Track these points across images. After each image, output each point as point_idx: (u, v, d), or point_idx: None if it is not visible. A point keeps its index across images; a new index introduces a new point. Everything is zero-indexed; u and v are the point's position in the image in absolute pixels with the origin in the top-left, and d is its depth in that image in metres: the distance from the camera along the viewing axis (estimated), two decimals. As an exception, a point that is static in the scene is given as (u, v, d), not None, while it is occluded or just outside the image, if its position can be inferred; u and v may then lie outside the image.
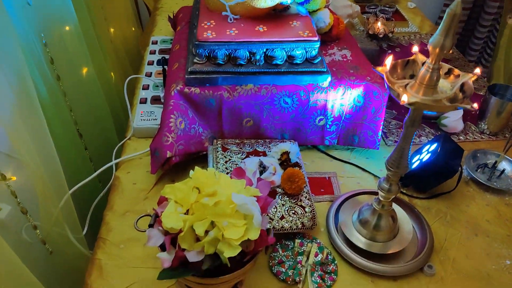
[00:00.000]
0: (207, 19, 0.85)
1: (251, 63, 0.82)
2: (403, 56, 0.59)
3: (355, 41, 1.01)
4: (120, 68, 1.37)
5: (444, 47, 0.48)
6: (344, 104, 0.86)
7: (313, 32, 0.82)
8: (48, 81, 0.83)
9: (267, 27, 0.83)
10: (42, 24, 0.82)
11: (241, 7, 0.83)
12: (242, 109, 0.84)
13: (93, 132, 1.02)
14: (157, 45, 1.20)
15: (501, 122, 0.94)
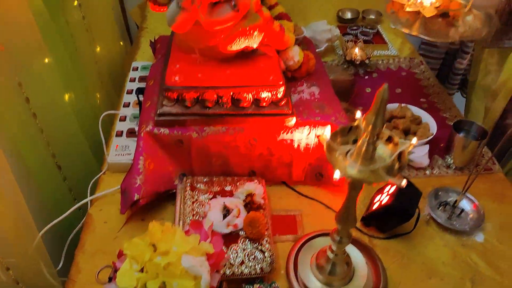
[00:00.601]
0: (177, 60, 0.87)
1: (218, 105, 0.85)
2: (379, 81, 0.61)
3: (326, 75, 1.03)
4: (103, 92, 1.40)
5: (376, 126, 0.51)
6: (309, 143, 0.89)
7: (279, 76, 0.84)
8: (23, 121, 0.86)
9: (235, 70, 0.85)
10: (17, 67, 0.85)
11: (209, 50, 0.86)
12: (211, 148, 0.87)
13: (73, 163, 1.05)
14: (138, 71, 1.23)
15: (466, 157, 0.96)
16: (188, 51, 0.87)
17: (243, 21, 0.78)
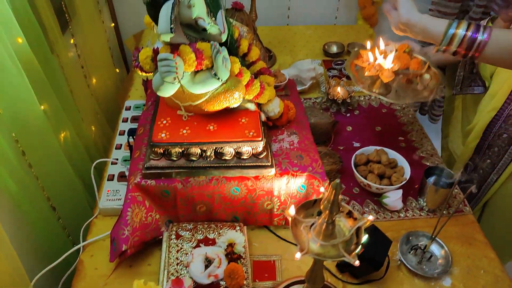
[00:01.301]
0: (163, 116, 0.93)
1: (202, 158, 0.91)
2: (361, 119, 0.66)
3: (307, 120, 1.09)
4: (99, 125, 1.46)
5: (332, 211, 0.57)
6: (288, 191, 0.95)
7: (258, 132, 0.90)
8: (18, 172, 0.92)
9: (217, 125, 0.92)
10: (14, 126, 0.91)
11: (194, 107, 0.91)
12: (195, 197, 0.93)
13: (67, 205, 1.11)
14: (130, 111, 1.29)
15: (437, 201, 1.02)
16: (174, 106, 0.93)
17: (223, 85, 0.84)
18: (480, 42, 0.84)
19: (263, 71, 1.02)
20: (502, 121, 1.10)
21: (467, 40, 0.85)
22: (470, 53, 0.87)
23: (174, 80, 0.76)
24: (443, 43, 0.89)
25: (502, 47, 0.84)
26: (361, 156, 1.10)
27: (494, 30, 0.85)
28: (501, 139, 1.11)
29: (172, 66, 0.74)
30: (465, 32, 0.85)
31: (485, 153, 1.17)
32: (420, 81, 1.13)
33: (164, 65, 0.74)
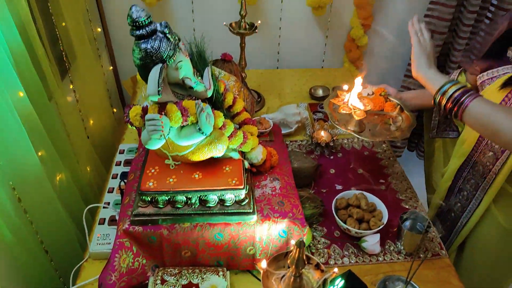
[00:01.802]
0: (152, 165, 0.99)
1: (187, 205, 0.96)
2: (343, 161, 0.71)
3: (289, 166, 1.15)
4: (93, 165, 1.52)
5: (298, 266, 0.62)
6: (270, 236, 1.00)
7: (241, 180, 0.96)
8: (13, 219, 0.97)
9: (202, 173, 0.98)
10: (11, 174, 0.97)
11: (181, 157, 0.98)
12: (181, 243, 0.98)
13: (59, 248, 1.15)
14: (124, 154, 1.35)
15: (413, 245, 1.07)
16: (163, 156, 0.99)
17: (207, 138, 0.91)
18: (461, 104, 0.92)
19: (247, 121, 1.09)
20: (470, 167, 1.16)
21: (452, 100, 0.94)
22: (453, 112, 0.94)
23: (160, 137, 0.82)
24: (436, 98, 0.98)
25: (477, 116, 0.91)
26: (342, 200, 1.16)
27: (479, 98, 0.91)
28: (470, 184, 1.17)
29: (158, 125, 0.81)
30: (453, 93, 0.93)
31: (456, 196, 1.22)
32: (393, 122, 1.22)
33: (150, 124, 0.81)
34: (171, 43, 0.86)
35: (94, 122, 1.64)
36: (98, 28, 1.71)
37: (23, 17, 1.05)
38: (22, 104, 1.01)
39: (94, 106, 1.64)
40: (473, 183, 1.16)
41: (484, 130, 0.93)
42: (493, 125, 0.89)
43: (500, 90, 1.04)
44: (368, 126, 1.19)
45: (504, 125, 0.87)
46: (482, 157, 1.13)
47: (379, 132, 1.18)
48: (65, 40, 1.39)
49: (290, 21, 1.83)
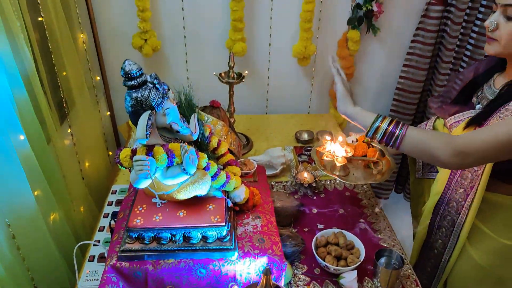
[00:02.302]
0: (140, 203, 1.06)
1: (172, 242, 1.02)
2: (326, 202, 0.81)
3: (272, 205, 1.22)
4: (87, 206, 1.58)
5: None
6: (250, 272, 1.04)
7: (223, 218, 1.02)
8: (6, 255, 1.02)
9: (187, 211, 1.04)
10: (7, 212, 1.03)
11: (167, 195, 1.05)
12: (165, 278, 1.02)
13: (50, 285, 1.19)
14: (116, 195, 1.42)
15: (389, 282, 1.11)
16: (150, 194, 1.06)
17: (191, 178, 0.98)
18: (398, 136, 1.01)
19: (231, 162, 1.17)
20: (445, 204, 1.23)
21: (388, 133, 1.02)
22: (390, 144, 1.03)
23: (146, 176, 0.90)
24: (369, 133, 1.06)
25: (413, 144, 1.01)
26: (321, 238, 1.21)
27: (410, 127, 1.02)
28: (446, 221, 1.23)
29: (145, 165, 0.89)
30: (387, 127, 1.03)
31: (436, 233, 1.28)
32: (374, 167, 1.31)
33: (138, 165, 0.89)
34: (159, 92, 0.95)
35: (89, 164, 1.71)
36: (97, 77, 1.83)
37: (28, 67, 1.16)
38: (22, 146, 1.10)
39: (90, 149, 1.72)
40: (450, 220, 1.22)
41: (422, 155, 1.01)
42: (429, 149, 0.98)
43: (464, 130, 1.13)
44: (352, 170, 1.29)
45: (439, 148, 0.96)
46: (455, 194, 1.20)
47: (362, 176, 1.29)
48: (66, 87, 1.50)
49: (277, 70, 1.97)
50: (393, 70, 2.05)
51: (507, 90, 1.08)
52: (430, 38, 1.89)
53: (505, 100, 1.05)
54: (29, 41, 1.20)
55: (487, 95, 1.15)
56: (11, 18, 1.07)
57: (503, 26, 1.01)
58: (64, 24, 1.45)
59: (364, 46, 1.95)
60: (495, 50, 1.05)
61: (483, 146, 0.95)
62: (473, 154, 0.95)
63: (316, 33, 1.87)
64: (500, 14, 1.01)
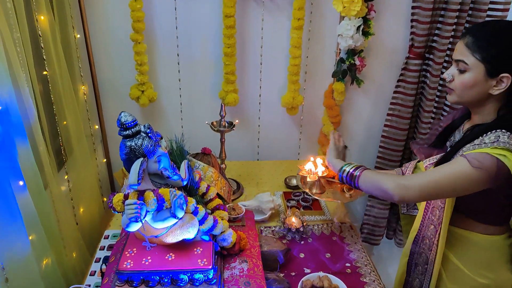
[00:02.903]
0: (131, 246, 1.11)
1: (160, 284, 1.06)
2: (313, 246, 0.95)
3: (259, 250, 1.26)
4: (79, 251, 1.61)
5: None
6: (237, 315, 1.07)
7: (210, 261, 1.07)
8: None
9: (175, 255, 1.09)
10: (3, 255, 1.07)
11: (157, 239, 1.09)
12: (153, 322, 1.05)
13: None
14: (108, 240, 1.45)
15: (373, 325, 1.14)
16: (141, 238, 1.11)
17: (179, 222, 1.04)
18: (355, 176, 1.18)
19: (219, 207, 1.22)
20: (420, 241, 1.27)
21: (349, 174, 1.20)
22: (353, 184, 1.19)
23: (137, 220, 0.96)
24: (339, 175, 1.24)
25: (367, 181, 1.16)
26: (307, 282, 1.24)
27: (367, 170, 1.18)
28: (422, 258, 1.27)
29: (136, 209, 0.94)
30: (349, 169, 1.20)
31: (414, 271, 1.31)
32: (347, 190, 1.45)
33: (129, 209, 0.95)
34: (152, 141, 1.03)
35: (84, 210, 1.76)
36: (95, 125, 1.92)
37: (31, 117, 1.24)
38: (21, 192, 1.16)
39: (86, 196, 1.77)
40: (424, 257, 1.26)
41: (375, 190, 1.15)
42: (381, 187, 1.10)
43: None
44: (329, 191, 1.45)
45: (387, 182, 1.09)
46: (427, 231, 1.25)
47: (334, 195, 1.45)
48: (65, 136, 1.58)
49: (267, 119, 2.07)
50: (378, 118, 2.16)
51: (466, 135, 1.17)
52: (411, 89, 2.02)
53: (463, 143, 1.13)
54: (33, 93, 1.30)
55: (456, 139, 1.24)
56: (18, 71, 1.17)
57: (457, 78, 1.11)
58: (66, 77, 1.56)
59: (349, 96, 2.07)
60: (454, 99, 1.16)
61: (421, 181, 1.06)
62: (412, 187, 1.06)
63: (303, 85, 1.99)
64: (455, 67, 1.12)
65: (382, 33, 1.97)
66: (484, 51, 1.05)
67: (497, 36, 1.06)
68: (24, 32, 1.24)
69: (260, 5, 1.83)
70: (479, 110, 1.15)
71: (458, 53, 1.10)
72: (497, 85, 1.07)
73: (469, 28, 1.12)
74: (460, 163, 1.03)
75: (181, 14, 1.81)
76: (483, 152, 1.02)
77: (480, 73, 1.06)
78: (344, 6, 1.73)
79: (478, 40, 1.06)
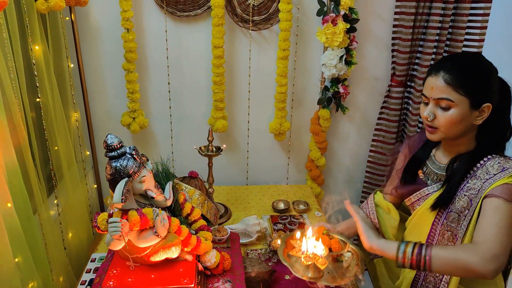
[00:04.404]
0: (115, 266, 1.13)
1: (143, 304, 1.07)
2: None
3: (242, 270, 1.28)
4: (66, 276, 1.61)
5: None
6: (218, 335, 1.08)
7: (192, 279, 1.09)
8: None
9: (158, 274, 1.10)
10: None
11: (140, 258, 1.12)
12: None
13: None
14: (95, 262, 1.47)
15: None
16: (125, 258, 1.13)
17: (162, 241, 1.07)
18: (425, 257, 1.03)
19: (203, 228, 1.25)
20: (423, 279, 1.28)
21: (415, 257, 1.05)
22: (422, 267, 1.04)
23: (120, 237, 0.98)
24: (399, 261, 1.07)
25: (443, 262, 1.02)
26: (290, 302, 1.25)
27: (434, 247, 1.04)
28: None
29: (119, 227, 0.97)
30: (412, 250, 1.05)
31: None
32: (343, 259, 1.28)
33: (112, 226, 0.98)
34: (137, 162, 1.08)
35: (72, 235, 1.77)
36: (87, 151, 1.97)
37: (22, 142, 1.28)
38: (8, 214, 1.18)
39: (75, 221, 1.79)
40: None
41: (456, 271, 1.03)
42: (467, 267, 0.99)
43: (431, 212, 1.21)
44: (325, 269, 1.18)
45: (470, 260, 0.99)
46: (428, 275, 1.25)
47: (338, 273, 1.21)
48: (56, 161, 1.62)
49: (256, 145, 2.12)
50: (363, 144, 2.22)
51: (457, 167, 1.17)
52: (394, 115, 2.09)
53: (461, 176, 1.14)
54: (25, 119, 1.35)
55: (434, 170, 1.25)
56: (12, 99, 1.22)
57: (440, 116, 1.11)
58: (59, 104, 1.62)
59: (335, 123, 2.14)
60: (439, 137, 1.15)
61: (502, 241, 1.00)
62: (501, 253, 0.99)
63: (290, 112, 2.06)
64: (434, 105, 1.12)
65: (365, 62, 2.06)
66: (467, 86, 1.06)
67: (473, 69, 1.09)
68: (18, 61, 1.31)
69: (247, 36, 1.92)
70: (459, 141, 1.17)
71: (437, 91, 1.09)
72: (479, 115, 1.10)
73: (440, 64, 1.11)
74: (502, 207, 1.03)
75: (172, 45, 1.90)
76: (503, 183, 1.05)
77: (465, 107, 1.08)
78: (327, 37, 1.83)
79: (458, 75, 1.07)
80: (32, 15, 1.39)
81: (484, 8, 1.87)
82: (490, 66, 1.13)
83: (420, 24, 1.93)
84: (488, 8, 1.87)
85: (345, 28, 1.80)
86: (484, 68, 1.11)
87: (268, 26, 1.91)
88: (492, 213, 1.04)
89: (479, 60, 1.13)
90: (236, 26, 1.90)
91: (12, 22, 1.26)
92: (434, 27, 1.92)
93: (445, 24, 1.93)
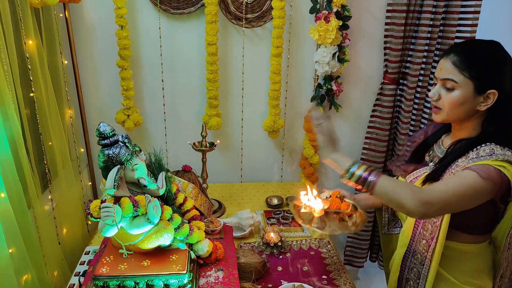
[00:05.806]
0: (108, 254, 1.13)
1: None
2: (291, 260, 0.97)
3: (235, 259, 1.29)
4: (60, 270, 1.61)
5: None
6: (210, 321, 1.09)
7: (184, 266, 1.09)
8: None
9: (151, 261, 1.11)
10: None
11: (133, 246, 1.12)
12: (127, 328, 1.06)
13: None
14: (89, 255, 1.47)
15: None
16: (118, 246, 1.14)
17: (155, 227, 1.07)
18: (370, 182, 1.06)
19: (196, 217, 1.26)
20: (411, 256, 1.29)
21: (362, 179, 1.07)
22: (363, 189, 1.07)
23: (112, 222, 0.99)
24: (346, 177, 1.10)
25: (383, 194, 1.05)
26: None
27: (382, 175, 1.06)
28: (413, 273, 1.27)
29: (111, 212, 0.98)
30: (362, 173, 1.07)
31: (405, 287, 1.31)
32: (349, 219, 1.36)
33: (104, 211, 0.99)
34: (129, 150, 1.09)
35: (67, 231, 1.77)
36: (81, 149, 1.97)
37: (15, 134, 1.29)
38: (2, 203, 1.19)
39: (69, 217, 1.79)
40: (416, 272, 1.27)
41: (391, 202, 1.07)
42: (398, 198, 1.03)
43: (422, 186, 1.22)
44: (329, 223, 1.33)
45: (406, 197, 1.01)
46: (419, 245, 1.26)
47: (338, 228, 1.33)
48: (50, 158, 1.62)
49: (250, 142, 2.14)
50: (357, 141, 2.23)
51: (453, 149, 1.20)
52: (387, 113, 2.11)
53: (453, 157, 1.16)
54: (19, 111, 1.35)
55: (437, 154, 1.27)
56: (5, 90, 1.23)
57: (444, 96, 1.14)
58: (53, 100, 1.62)
59: (328, 120, 2.15)
60: (442, 117, 1.18)
61: (443, 196, 1.03)
62: (436, 203, 1.02)
63: (284, 109, 2.08)
64: (441, 86, 1.15)
65: (357, 60, 2.09)
66: (473, 69, 1.08)
67: (483, 54, 1.10)
68: (12, 54, 1.32)
69: (241, 34, 1.95)
70: (464, 125, 1.18)
71: (444, 71, 1.12)
72: (484, 101, 1.11)
73: (453, 47, 1.15)
74: (470, 175, 1.04)
75: (166, 42, 1.92)
76: (485, 164, 1.05)
77: (469, 91, 1.10)
78: (320, 34, 1.85)
79: (466, 58, 1.09)
80: (25, 8, 1.41)
81: (475, 6, 1.90)
82: (505, 54, 1.13)
83: (412, 21, 1.96)
84: (478, 5, 1.91)
85: (337, 25, 1.83)
86: (496, 55, 1.12)
87: (261, 24, 1.94)
88: (457, 178, 1.06)
89: (493, 47, 1.13)
90: (230, 23, 1.93)
91: (5, 14, 1.27)
92: (426, 25, 1.95)
93: (437, 22, 1.96)
